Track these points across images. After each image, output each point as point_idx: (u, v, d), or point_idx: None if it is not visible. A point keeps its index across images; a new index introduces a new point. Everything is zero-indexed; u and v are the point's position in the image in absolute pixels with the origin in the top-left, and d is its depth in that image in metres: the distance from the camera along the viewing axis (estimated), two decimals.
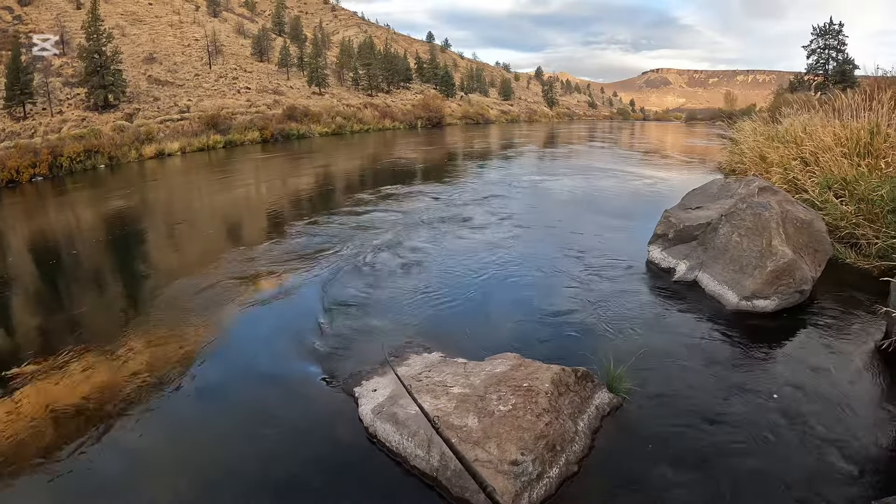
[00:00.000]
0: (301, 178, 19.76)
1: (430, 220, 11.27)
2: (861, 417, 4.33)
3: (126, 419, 4.49)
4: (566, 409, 3.96)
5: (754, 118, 19.75)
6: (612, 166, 21.43)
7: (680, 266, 7.57)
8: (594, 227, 10.50)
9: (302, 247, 9.40)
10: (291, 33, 73.51)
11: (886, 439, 4.07)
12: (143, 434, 4.29)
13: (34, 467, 3.96)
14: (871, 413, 4.42)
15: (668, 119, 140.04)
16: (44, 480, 3.82)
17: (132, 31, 54.34)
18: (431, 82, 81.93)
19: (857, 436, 4.07)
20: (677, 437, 4.07)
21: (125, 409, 4.62)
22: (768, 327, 6.05)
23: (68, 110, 35.38)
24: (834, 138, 10.61)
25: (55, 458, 4.03)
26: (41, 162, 22.30)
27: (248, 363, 5.42)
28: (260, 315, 6.74)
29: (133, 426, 4.39)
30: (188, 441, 4.26)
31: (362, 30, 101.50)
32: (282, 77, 59.45)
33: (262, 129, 37.09)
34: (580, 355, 5.24)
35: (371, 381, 4.64)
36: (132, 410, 4.61)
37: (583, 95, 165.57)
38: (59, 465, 3.97)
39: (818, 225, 7.29)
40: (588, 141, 40.71)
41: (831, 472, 3.67)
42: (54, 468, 3.94)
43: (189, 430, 4.40)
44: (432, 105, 61.22)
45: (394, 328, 6.02)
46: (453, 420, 3.70)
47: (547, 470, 3.48)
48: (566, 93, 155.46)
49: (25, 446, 4.19)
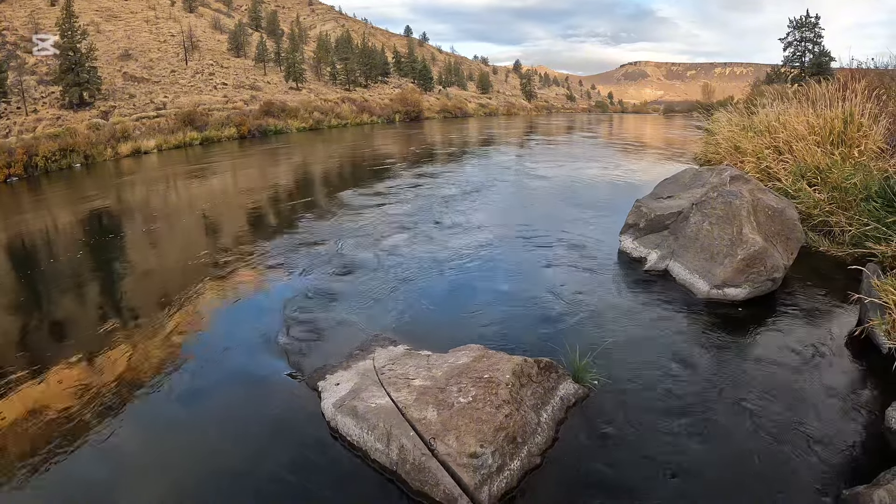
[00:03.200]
0: (278, 176, 19.67)
1: (402, 214, 11.29)
2: (834, 406, 4.37)
3: (93, 421, 4.47)
4: (528, 401, 3.98)
5: (730, 109, 19.95)
6: (588, 158, 21.53)
7: (651, 255, 7.65)
8: (567, 218, 10.56)
9: (276, 244, 9.40)
10: (268, 28, 72.94)
11: (859, 427, 4.11)
12: (111, 435, 4.29)
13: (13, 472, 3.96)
14: (844, 401, 4.46)
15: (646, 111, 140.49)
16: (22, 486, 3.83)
17: (107, 28, 53.61)
18: (409, 76, 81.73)
19: (830, 424, 4.10)
20: (644, 427, 4.08)
21: (95, 412, 4.61)
22: (739, 316, 6.11)
23: (43, 109, 34.89)
24: (808, 127, 10.80)
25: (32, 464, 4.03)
26: (16, 162, 21.97)
27: (216, 362, 5.40)
28: (230, 313, 6.75)
29: (100, 427, 4.38)
30: (153, 441, 4.25)
31: (340, 24, 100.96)
32: (259, 72, 58.99)
33: (239, 125, 36.77)
34: (547, 346, 5.25)
35: (334, 376, 4.66)
36: (99, 412, 4.59)
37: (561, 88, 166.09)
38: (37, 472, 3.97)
39: (790, 213, 7.38)
40: (565, 133, 40.78)
41: (802, 463, 3.69)
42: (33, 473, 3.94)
43: (154, 430, 4.39)
44: (410, 99, 61.07)
45: (362, 322, 6.03)
46: (413, 413, 3.73)
47: (507, 462, 3.50)
48: (544, 86, 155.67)
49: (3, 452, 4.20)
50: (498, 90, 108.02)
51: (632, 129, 47.00)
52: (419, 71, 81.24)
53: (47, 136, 27.81)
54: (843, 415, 4.27)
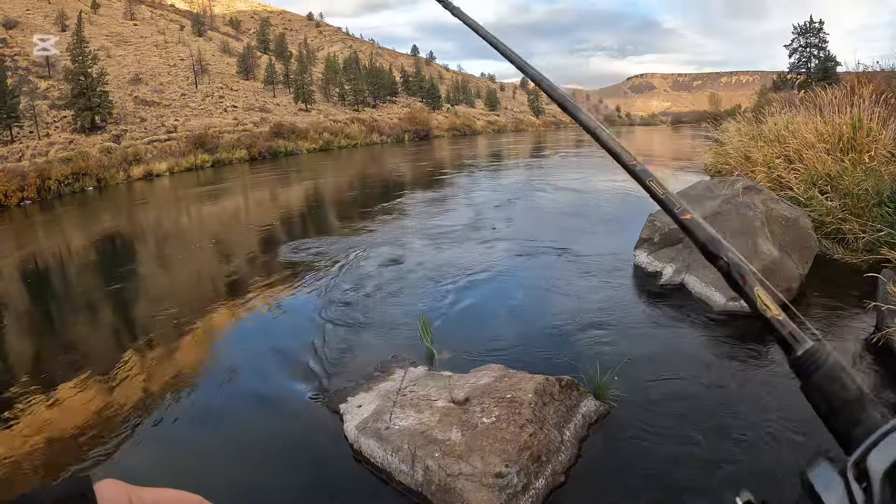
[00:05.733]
0: (290, 197, 19.81)
1: (417, 233, 11.31)
2: None
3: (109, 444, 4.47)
4: (551, 419, 3.94)
5: (738, 119, 19.92)
6: (598, 172, 21.50)
7: (666, 269, 7.56)
8: (580, 234, 10.52)
9: (293, 265, 9.43)
10: (276, 50, 73.82)
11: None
12: (130, 455, 4.29)
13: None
14: None
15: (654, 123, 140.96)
16: None
17: (117, 53, 54.43)
18: (417, 95, 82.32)
19: None
20: (666, 443, 4.02)
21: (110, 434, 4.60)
22: (756, 327, 5.87)
23: (55, 133, 35.38)
24: (816, 135, 10.70)
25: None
26: (29, 185, 22.27)
27: (236, 384, 5.40)
28: (246, 335, 6.76)
29: (120, 448, 4.38)
30: (176, 463, 4.24)
31: (347, 45, 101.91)
32: (268, 94, 59.61)
33: (250, 147, 37.18)
34: (567, 364, 5.18)
35: (356, 398, 4.63)
36: (115, 435, 4.58)
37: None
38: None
39: (803, 222, 7.32)
40: (575, 148, 40.83)
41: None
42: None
43: (177, 452, 4.37)
44: (419, 118, 61.54)
45: (380, 342, 6.00)
46: (437, 434, 3.70)
47: (533, 481, 3.46)
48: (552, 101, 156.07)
49: (20, 472, 4.20)
50: (506, 107, 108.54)
51: (640, 142, 47.09)
52: (427, 90, 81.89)
53: (60, 159, 28.19)
54: None
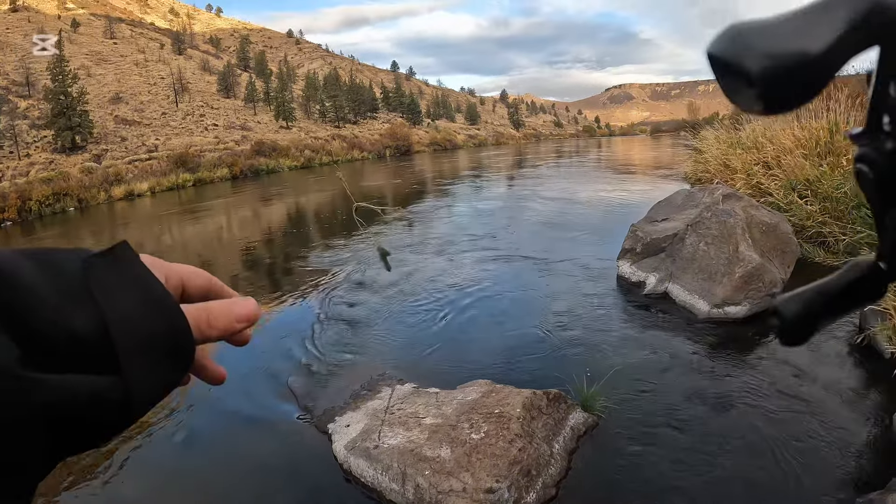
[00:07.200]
0: (272, 218, 19.77)
1: (399, 248, 11.34)
2: (841, 414, 4.39)
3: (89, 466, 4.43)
4: (540, 433, 4.00)
5: (717, 127, 20.17)
6: (580, 183, 21.75)
7: (650, 279, 7.66)
8: (564, 246, 10.62)
9: (275, 285, 9.45)
10: (257, 68, 73.76)
11: (867, 434, 4.14)
12: (114, 480, 4.27)
13: None
14: (851, 409, 4.49)
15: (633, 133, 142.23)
16: None
17: (97, 72, 54.21)
18: (398, 111, 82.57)
19: (839, 433, 4.11)
20: (655, 451, 4.08)
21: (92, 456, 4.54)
22: (742, 333, 6.12)
23: (35, 153, 35.11)
24: (794, 140, 10.91)
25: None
26: (9, 206, 22.10)
27: (222, 405, 5.39)
28: (232, 354, 6.74)
29: (100, 472, 4.34)
30: (162, 486, 4.21)
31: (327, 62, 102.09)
32: (249, 112, 59.52)
33: (231, 165, 37.08)
34: (554, 376, 5.22)
35: (344, 417, 4.65)
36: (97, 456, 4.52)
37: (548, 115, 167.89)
38: None
39: (784, 227, 7.42)
40: (555, 160, 41.11)
41: (814, 474, 3.69)
42: None
43: (158, 476, 4.34)
44: (400, 133, 61.68)
45: (366, 360, 6.01)
46: (426, 451, 3.74)
47: (524, 495, 3.50)
48: (532, 114, 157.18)
49: None
50: (486, 120, 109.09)
51: (621, 152, 47.49)
52: (407, 105, 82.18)
53: (40, 180, 27.97)
54: (852, 422, 4.30)
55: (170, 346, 0.44)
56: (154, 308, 0.44)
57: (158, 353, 0.43)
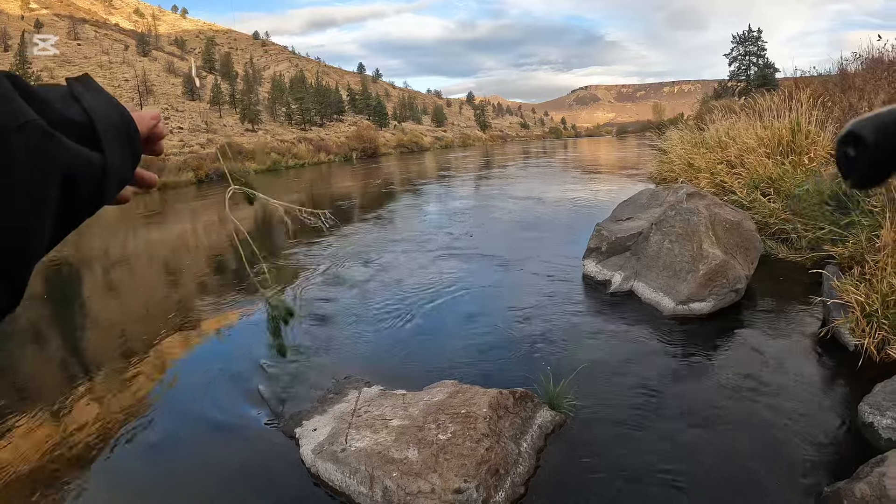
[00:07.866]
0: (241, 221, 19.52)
1: (365, 250, 11.28)
2: (807, 406, 4.44)
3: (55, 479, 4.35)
4: (507, 432, 4.01)
5: (681, 127, 20.39)
6: (546, 184, 21.85)
7: (615, 277, 7.69)
8: (529, 246, 10.67)
9: (239, 290, 9.34)
10: (222, 70, 72.94)
11: (834, 424, 4.21)
12: (80, 488, 4.19)
13: None
14: (817, 400, 4.56)
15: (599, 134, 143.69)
16: None
17: (61, 74, 53.03)
18: (364, 113, 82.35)
19: (805, 424, 4.17)
20: (622, 447, 4.10)
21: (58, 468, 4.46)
22: (707, 329, 6.19)
23: None
24: (757, 140, 11.13)
25: None
26: None
27: (187, 412, 5.30)
28: (196, 361, 6.65)
29: (65, 484, 4.26)
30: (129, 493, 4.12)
31: (293, 64, 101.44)
32: (214, 115, 58.83)
33: (197, 169, 36.49)
34: (521, 376, 5.22)
35: (311, 421, 4.60)
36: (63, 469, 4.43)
37: (515, 117, 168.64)
38: None
39: (747, 224, 7.56)
40: (522, 161, 41.31)
41: (782, 465, 3.73)
42: None
43: (130, 483, 4.24)
44: (366, 136, 61.52)
45: (332, 363, 5.94)
46: (393, 454, 3.73)
47: (492, 494, 3.51)
48: (498, 115, 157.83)
49: None
50: (453, 122, 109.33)
51: (587, 153, 47.90)
52: (374, 107, 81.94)
53: None
54: (818, 413, 4.37)
55: (126, 133, 0.66)
56: (115, 108, 0.66)
57: (122, 139, 0.65)
